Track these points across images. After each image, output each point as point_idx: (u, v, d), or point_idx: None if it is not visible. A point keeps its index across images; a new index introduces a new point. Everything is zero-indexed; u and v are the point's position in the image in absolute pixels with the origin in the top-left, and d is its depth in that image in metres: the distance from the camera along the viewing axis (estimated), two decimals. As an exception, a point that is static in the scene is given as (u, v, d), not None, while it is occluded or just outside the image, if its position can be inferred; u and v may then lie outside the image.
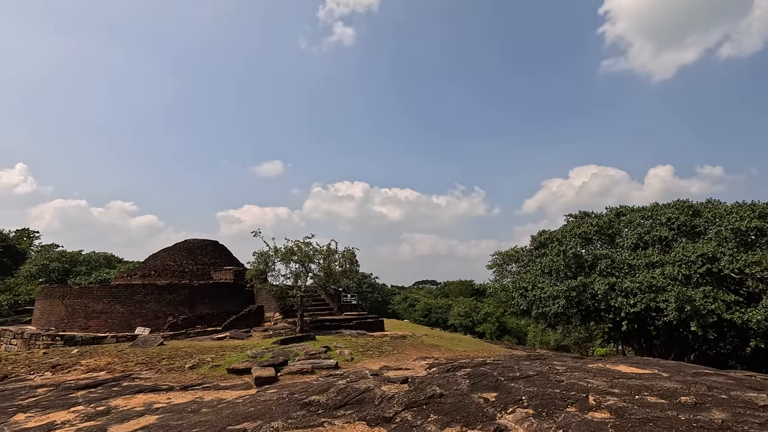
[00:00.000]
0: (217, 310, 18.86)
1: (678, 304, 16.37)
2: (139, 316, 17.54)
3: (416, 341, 14.97)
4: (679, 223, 19.81)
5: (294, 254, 15.99)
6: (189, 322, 17.95)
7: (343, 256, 16.50)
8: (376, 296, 63.28)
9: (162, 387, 8.46)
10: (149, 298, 17.84)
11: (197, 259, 23.13)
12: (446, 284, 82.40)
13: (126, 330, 17.34)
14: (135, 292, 17.84)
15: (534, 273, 23.16)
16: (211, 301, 18.82)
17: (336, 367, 9.82)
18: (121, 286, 18.58)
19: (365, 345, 13.22)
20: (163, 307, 17.87)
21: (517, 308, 24.03)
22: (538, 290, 21.85)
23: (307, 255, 16.13)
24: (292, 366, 9.64)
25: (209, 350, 12.04)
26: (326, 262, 16.11)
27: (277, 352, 11.08)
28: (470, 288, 72.49)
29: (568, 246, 21.12)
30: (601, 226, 22.15)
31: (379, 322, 19.92)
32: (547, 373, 6.69)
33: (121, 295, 17.70)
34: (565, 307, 20.48)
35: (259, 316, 19.00)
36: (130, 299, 17.67)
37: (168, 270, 21.85)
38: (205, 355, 11.31)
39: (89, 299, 17.63)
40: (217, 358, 10.88)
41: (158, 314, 17.70)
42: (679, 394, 4.88)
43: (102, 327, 17.29)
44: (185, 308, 18.17)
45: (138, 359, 10.76)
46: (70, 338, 16.50)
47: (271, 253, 16.26)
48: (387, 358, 11.24)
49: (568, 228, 23.15)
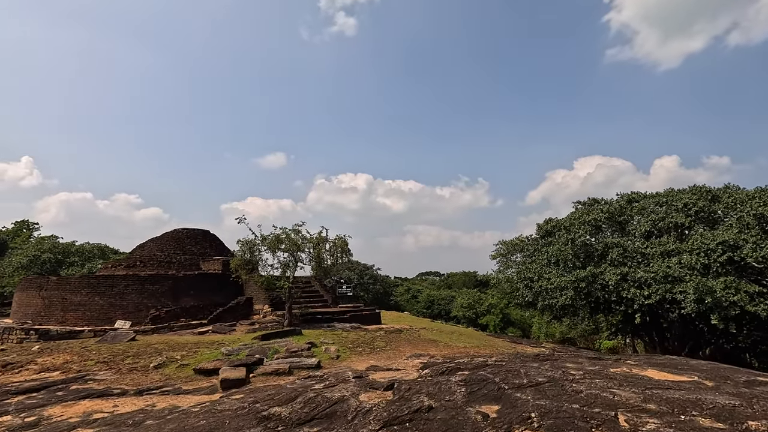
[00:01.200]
0: (204, 302, 17.80)
1: (697, 296, 15.11)
2: (119, 309, 16.51)
3: (413, 336, 13.84)
4: (697, 208, 18.45)
5: (281, 243, 14.84)
6: (173, 315, 16.91)
7: (334, 245, 15.34)
8: (378, 288, 62.25)
9: (113, 391, 7.37)
10: (130, 290, 16.79)
11: (186, 249, 22.06)
12: (449, 275, 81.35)
13: (105, 323, 16.33)
14: (115, 284, 16.79)
15: (540, 263, 21.93)
16: (196, 292, 17.75)
17: (317, 366, 8.69)
18: (101, 277, 17.54)
19: (355, 340, 12.10)
20: (145, 299, 16.83)
21: (522, 300, 22.86)
22: (544, 281, 20.63)
23: (296, 243, 14.98)
24: (268, 366, 8.51)
25: (183, 346, 10.96)
26: (316, 251, 14.96)
27: (255, 349, 9.98)
28: (473, 279, 71.40)
29: (576, 234, 19.83)
30: (611, 212, 20.83)
31: (376, 314, 18.81)
32: (561, 380, 5.51)
33: (101, 286, 16.67)
34: (573, 298, 19.27)
35: (247, 308, 17.94)
36: (110, 291, 16.63)
37: (154, 260, 20.80)
38: (177, 352, 10.22)
39: (67, 291, 16.62)
40: (188, 356, 9.79)
41: (140, 307, 16.67)
42: (741, 415, 3.66)
43: (80, 320, 16.29)
44: (169, 300, 17.12)
45: (100, 357, 9.69)
46: (45, 332, 15.50)
47: (258, 241, 15.13)
48: (377, 356, 10.11)
49: (576, 215, 21.84)
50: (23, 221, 54.26)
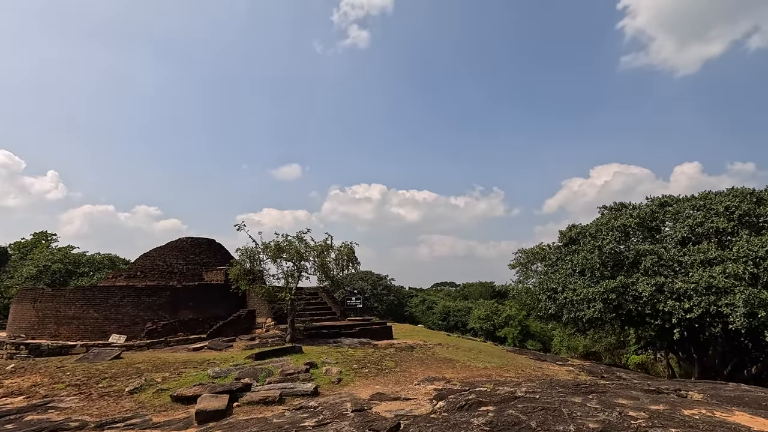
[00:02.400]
0: (203, 315, 16.76)
1: (748, 309, 13.41)
2: (114, 322, 15.60)
3: (426, 353, 12.49)
4: (741, 212, 16.73)
5: (283, 251, 13.74)
6: (170, 329, 15.89)
7: (340, 252, 14.17)
8: (392, 298, 60.64)
9: (71, 424, 6.25)
10: (126, 302, 15.88)
11: (189, 259, 21.19)
12: (465, 286, 79.29)
13: (100, 337, 15.40)
14: (110, 295, 15.92)
15: (564, 272, 20.33)
16: (196, 305, 16.75)
17: (313, 393, 7.44)
18: (96, 288, 16.70)
19: (362, 359, 10.81)
20: (141, 311, 15.89)
21: (545, 312, 21.23)
22: (569, 292, 19.04)
23: (298, 252, 13.86)
24: (256, 392, 7.30)
25: (169, 366, 9.84)
26: (320, 260, 13.81)
27: (245, 371, 8.79)
28: (491, 290, 69.31)
29: (604, 241, 18.25)
30: (642, 217, 19.19)
31: (387, 328, 17.48)
32: (619, 425, 4.15)
33: (96, 298, 15.81)
34: (602, 311, 17.64)
35: (249, 321, 16.83)
36: (105, 303, 15.75)
37: (156, 270, 19.95)
38: (160, 373, 9.11)
39: (61, 303, 15.81)
40: (170, 378, 8.65)
41: (136, 320, 15.72)
42: None
43: (73, 334, 15.41)
44: (167, 313, 16.14)
45: (74, 379, 8.63)
46: (36, 347, 14.64)
47: (259, 249, 14.07)
48: (385, 379, 8.80)
49: (603, 221, 20.23)
50: (41, 232, 54.59)
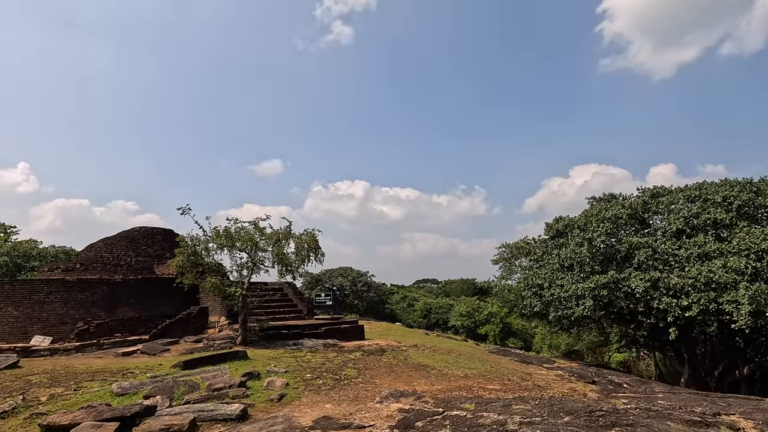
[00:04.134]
0: (148, 313, 14.70)
1: (754, 306, 12.14)
2: (38, 322, 13.42)
3: (398, 358, 10.78)
4: (740, 202, 15.53)
5: (229, 238, 11.83)
6: (106, 329, 13.78)
7: (300, 240, 12.33)
8: (372, 296, 59.04)
9: None
10: (53, 298, 13.71)
11: (140, 251, 18.96)
12: (447, 283, 78.34)
13: (20, 339, 13.21)
14: (35, 291, 13.71)
15: (550, 267, 18.93)
16: (139, 302, 14.67)
17: (240, 417, 5.62)
18: (17, 282, 14.46)
19: (319, 367, 9.03)
20: (71, 309, 13.75)
21: (530, 310, 19.80)
22: (556, 288, 17.64)
23: (252, 240, 11.97)
24: (158, 419, 5.43)
25: (72, 377, 7.87)
26: (276, 249, 11.94)
27: (163, 385, 6.89)
28: (472, 287, 68.45)
29: (594, 233, 16.87)
30: (634, 208, 17.88)
31: (357, 328, 15.72)
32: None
33: (16, 294, 13.59)
34: (592, 309, 16.27)
35: (201, 320, 14.84)
36: (28, 300, 13.54)
37: (99, 263, 17.70)
38: (53, 388, 7.13)
39: (-24, 299, 13.56)
40: (61, 397, 6.70)
41: (65, 319, 13.58)
42: None
43: (-11, 335, 13.20)
44: (102, 311, 14.03)
45: (-69, 398, 6.59)
46: (-61, 351, 12.37)
47: (204, 237, 12.11)
48: (340, 394, 7.04)
49: (593, 212, 18.89)
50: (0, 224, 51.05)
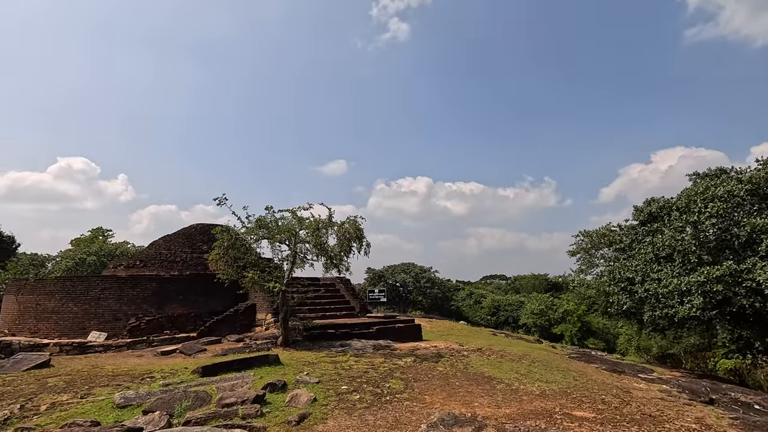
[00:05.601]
0: (196, 309, 14.33)
1: None
2: (95, 318, 13.56)
3: (456, 366, 9.04)
4: None
5: (264, 228, 10.82)
6: (156, 326, 13.57)
7: (341, 228, 11.00)
8: (436, 292, 57.18)
9: None
10: (107, 295, 13.79)
11: (195, 247, 18.99)
12: (516, 279, 74.01)
13: (79, 334, 13.40)
14: (91, 287, 13.89)
15: (643, 258, 15.91)
16: (186, 298, 14.37)
17: (239, 450, 4.31)
18: (76, 278, 14.80)
19: (358, 376, 7.59)
20: (124, 305, 13.73)
21: (617, 308, 16.89)
22: (652, 283, 14.71)
23: (290, 230, 10.87)
24: (138, 447, 4.29)
25: (90, 382, 7.19)
26: (314, 238, 10.72)
27: (170, 397, 5.84)
28: (544, 282, 63.80)
29: (702, 215, 13.73)
30: (756, 183, 14.32)
31: (414, 327, 14.14)
32: None
33: (76, 290, 13.86)
34: (702, 307, 13.21)
35: (249, 318, 14.16)
36: (85, 296, 13.75)
37: (157, 259, 17.91)
38: (63, 394, 6.42)
39: (41, 295, 14.03)
40: (62, 406, 5.91)
41: (118, 315, 13.59)
42: None
43: (52, 330, 13.54)
44: (152, 307, 13.88)
45: (-59, 401, 6.12)
46: (6, 345, 12.83)
47: (241, 228, 11.26)
48: (376, 417, 5.52)
49: (697, 190, 15.51)
50: (98, 228, 56.44)
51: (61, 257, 38.97)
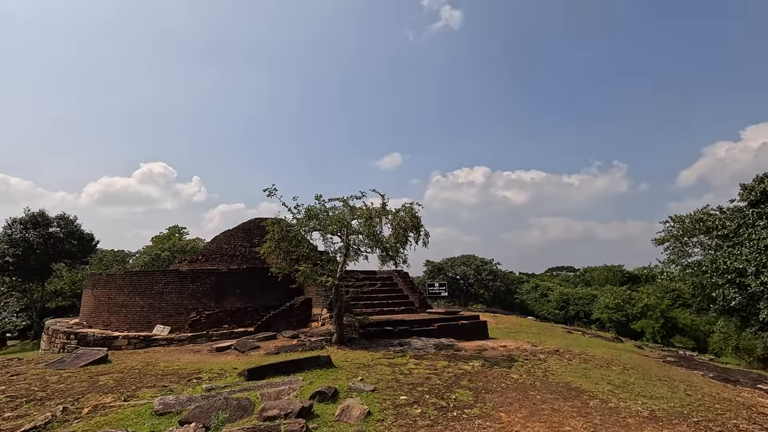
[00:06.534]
0: (253, 303, 14.17)
1: None
2: (159, 312, 13.85)
3: (534, 373, 7.77)
4: None
5: (315, 218, 10.14)
6: (215, 320, 13.56)
7: (396, 216, 10.03)
8: (499, 285, 54.67)
9: None
10: (170, 289, 14.03)
11: (254, 242, 19.07)
12: (587, 270, 68.93)
13: (145, 328, 13.75)
14: (155, 281, 14.22)
15: (756, 246, 13.35)
16: (243, 292, 14.26)
17: (274, 482, 3.52)
18: (142, 273, 15.24)
19: (419, 383, 6.62)
20: (185, 299, 13.90)
21: (723, 304, 14.42)
22: (770, 275, 12.23)
23: (340, 220, 10.13)
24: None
25: (139, 380, 6.90)
26: (367, 228, 9.86)
27: (209, 405, 5.25)
28: (620, 274, 58.66)
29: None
30: None
31: (479, 325, 12.90)
32: None
33: (141, 284, 14.26)
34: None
35: (304, 312, 13.73)
36: (150, 290, 14.09)
37: (218, 254, 18.21)
38: (111, 394, 6.13)
39: (112, 289, 14.62)
40: (108, 407, 5.56)
41: (179, 309, 13.77)
42: None
43: (122, 323, 14.03)
44: (211, 301, 13.91)
45: (-4, 398, 6.05)
46: (83, 337, 13.46)
47: (292, 220, 10.69)
48: (442, 442, 4.52)
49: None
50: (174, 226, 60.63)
51: (140, 253, 41.99)
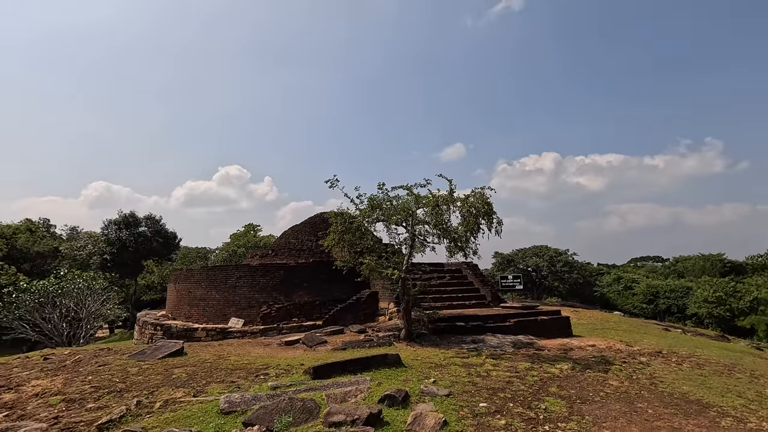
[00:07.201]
0: (321, 297, 14.13)
1: None
2: (233, 305, 14.31)
3: (637, 380, 6.65)
4: None
5: (378, 208, 9.64)
6: (284, 314, 13.71)
7: (465, 203, 9.20)
8: (576, 277, 51.18)
9: None
10: (242, 283, 14.43)
11: (320, 235, 19.20)
12: (678, 260, 62.29)
13: (221, 320, 14.29)
14: (229, 276, 14.72)
15: None
16: (311, 285, 14.25)
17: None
18: (217, 268, 15.85)
19: (500, 388, 5.87)
20: (256, 293, 14.21)
21: None
22: None
23: (405, 209, 9.54)
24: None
25: (210, 375, 6.91)
26: (434, 216, 9.16)
27: (274, 405, 4.96)
28: (719, 264, 52.17)
29: None
30: None
31: (561, 321, 11.67)
32: None
33: (216, 278, 14.84)
34: None
35: (371, 306, 13.40)
36: (224, 284, 14.61)
37: (286, 248, 18.56)
38: (182, 388, 6.13)
39: (191, 283, 15.40)
40: (178, 402, 5.52)
41: (252, 302, 14.11)
42: None
43: (201, 316, 14.72)
44: (280, 295, 14.07)
45: (83, 388, 6.32)
46: (168, 328, 14.31)
47: (354, 211, 10.30)
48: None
49: None
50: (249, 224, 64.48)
51: (219, 250, 44.88)
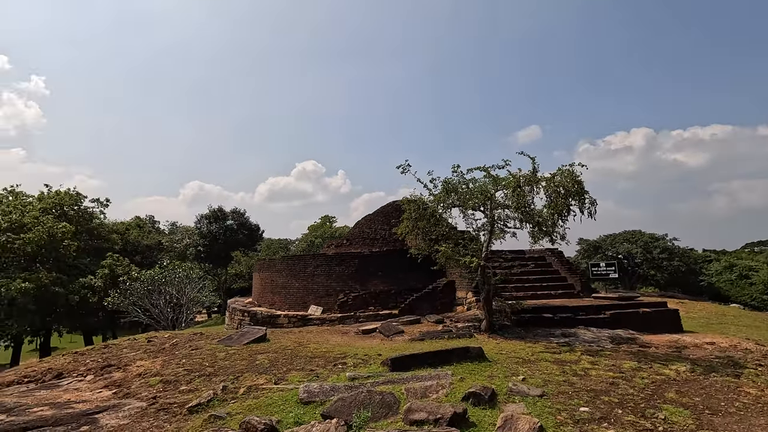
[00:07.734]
0: (396, 286, 13.93)
1: None
2: (311, 293, 14.68)
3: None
4: None
5: (453, 192, 9.01)
6: (360, 302, 13.75)
7: (551, 183, 8.22)
8: (677, 264, 45.88)
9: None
10: (319, 272, 14.72)
11: (392, 224, 19.01)
12: (809, 244, 53.08)
13: (301, 308, 14.76)
14: (307, 265, 15.10)
15: None
16: (385, 274, 14.10)
17: None
18: (295, 257, 16.37)
19: (603, 390, 5.13)
20: (332, 282, 14.42)
21: None
22: None
23: (483, 192, 8.83)
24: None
25: (291, 362, 7.01)
26: (515, 199, 8.32)
27: (351, 398, 4.77)
28: None
29: None
30: None
31: (668, 313, 10.20)
32: None
33: (295, 267, 15.31)
34: None
35: (448, 296, 12.90)
36: (303, 273, 15.02)
37: (360, 237, 18.66)
38: (265, 375, 6.26)
39: (273, 272, 16.11)
40: (257, 390, 5.61)
41: (329, 291, 14.35)
42: None
43: (283, 304, 15.34)
44: (356, 283, 14.12)
45: (178, 371, 6.73)
46: (254, 315, 15.13)
47: (428, 197, 9.81)
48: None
49: None
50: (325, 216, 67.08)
51: (299, 240, 47.09)
